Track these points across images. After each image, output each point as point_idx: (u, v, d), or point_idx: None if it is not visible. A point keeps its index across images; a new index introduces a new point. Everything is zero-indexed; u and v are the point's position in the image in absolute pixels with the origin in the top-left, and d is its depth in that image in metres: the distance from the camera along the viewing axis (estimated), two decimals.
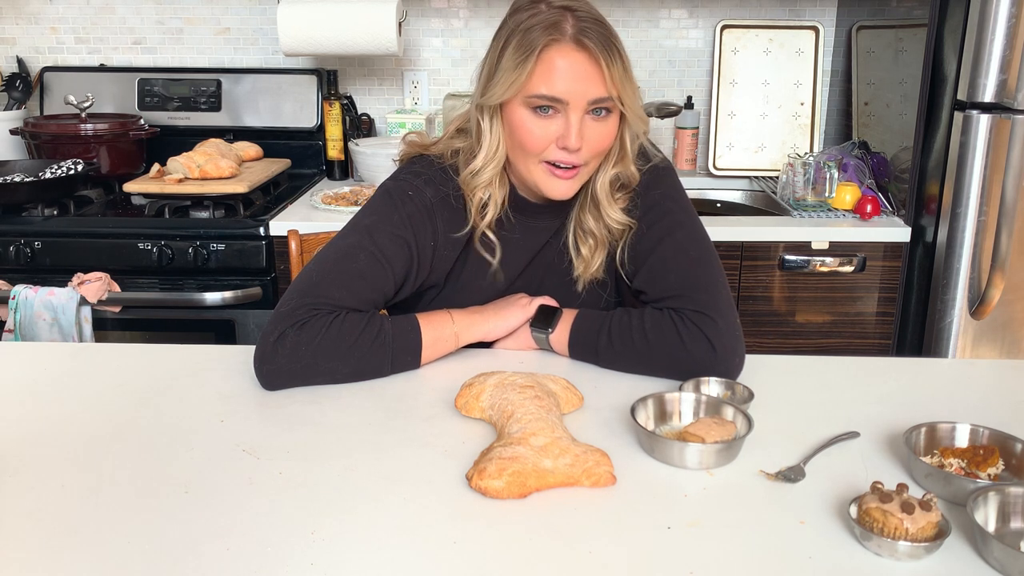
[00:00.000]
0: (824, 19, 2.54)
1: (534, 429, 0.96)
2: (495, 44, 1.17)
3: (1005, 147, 1.83)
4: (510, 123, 1.18)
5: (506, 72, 1.14)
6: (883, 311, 2.09)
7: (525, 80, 1.13)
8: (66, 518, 0.85)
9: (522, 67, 1.12)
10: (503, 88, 1.14)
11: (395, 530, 0.84)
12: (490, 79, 1.16)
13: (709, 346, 1.15)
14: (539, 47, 1.11)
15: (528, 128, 1.15)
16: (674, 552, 0.81)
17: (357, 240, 1.21)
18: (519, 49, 1.12)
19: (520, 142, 1.17)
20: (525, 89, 1.14)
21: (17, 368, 1.23)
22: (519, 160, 1.20)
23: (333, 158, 2.50)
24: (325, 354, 1.14)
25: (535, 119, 1.15)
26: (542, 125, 1.15)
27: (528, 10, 1.14)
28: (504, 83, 1.14)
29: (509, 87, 1.14)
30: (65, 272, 2.03)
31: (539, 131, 1.15)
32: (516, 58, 1.12)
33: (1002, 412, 1.09)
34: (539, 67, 1.12)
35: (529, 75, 1.12)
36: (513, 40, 1.13)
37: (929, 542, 0.79)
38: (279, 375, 1.14)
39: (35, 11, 2.61)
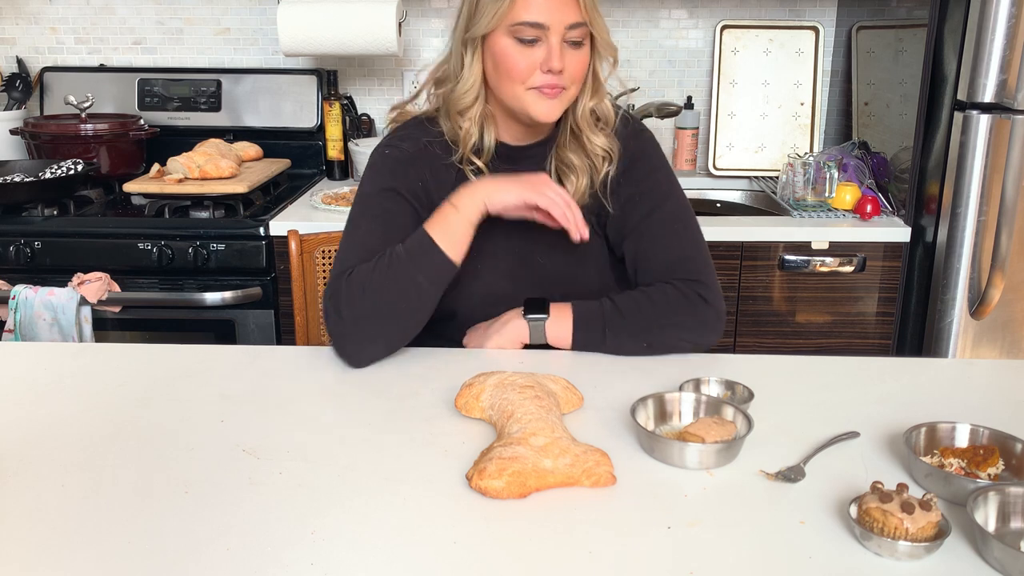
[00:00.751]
0: (824, 19, 2.54)
1: (534, 429, 0.96)
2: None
3: (1005, 147, 1.83)
4: (495, 54, 1.24)
5: (489, 4, 1.21)
6: (883, 311, 2.09)
7: (508, 9, 1.20)
8: (66, 518, 0.85)
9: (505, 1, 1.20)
10: (488, 19, 1.21)
11: (395, 530, 0.84)
12: (472, 14, 1.24)
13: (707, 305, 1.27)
14: None
15: (514, 57, 1.23)
16: (674, 552, 0.81)
17: (356, 211, 1.31)
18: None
19: (507, 71, 1.24)
20: (509, 18, 1.21)
21: (17, 368, 1.23)
22: (505, 89, 1.26)
23: (333, 158, 2.50)
24: (369, 306, 1.20)
25: (519, 48, 1.22)
26: (527, 53, 1.23)
27: None
28: (488, 14, 1.21)
29: (493, 17, 1.21)
30: (65, 272, 2.03)
31: (524, 59, 1.23)
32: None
33: (1002, 412, 1.09)
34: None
35: (512, 4, 1.20)
36: None
37: (929, 542, 0.79)
38: (360, 351, 1.21)
39: (35, 11, 2.61)
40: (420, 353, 1.31)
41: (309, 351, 1.35)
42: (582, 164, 1.33)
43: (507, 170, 1.31)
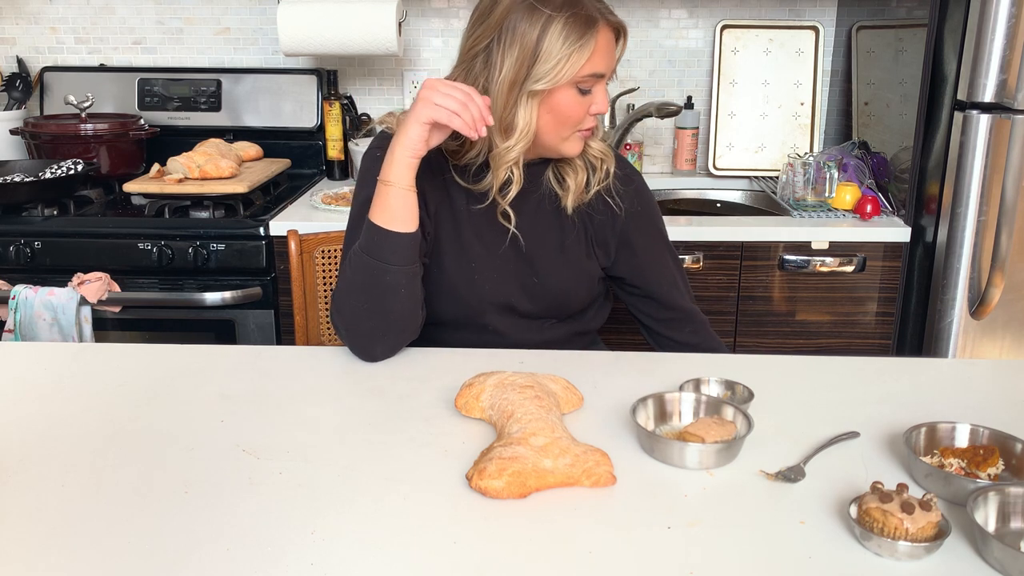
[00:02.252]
0: (824, 19, 2.54)
1: (534, 429, 0.96)
2: (524, 29, 1.19)
3: (1005, 147, 1.83)
4: (555, 105, 1.24)
5: (559, 60, 1.19)
6: (883, 311, 2.09)
7: (582, 66, 1.20)
8: (66, 518, 0.85)
9: (579, 53, 1.19)
10: (559, 75, 1.20)
11: (395, 530, 0.84)
12: (531, 66, 1.20)
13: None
14: (591, 32, 1.19)
15: (574, 107, 1.24)
16: (674, 552, 0.81)
17: (351, 218, 1.32)
18: (570, 37, 1.19)
19: (565, 119, 1.25)
20: (580, 72, 1.21)
21: (17, 368, 1.23)
22: (553, 134, 1.27)
23: (333, 158, 2.50)
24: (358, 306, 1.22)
25: (579, 98, 1.24)
26: (584, 101, 1.25)
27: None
28: (560, 71, 1.20)
29: (564, 73, 1.20)
30: (65, 272, 2.03)
31: (582, 108, 1.25)
32: (569, 45, 1.19)
33: (1002, 412, 1.09)
34: (587, 53, 1.20)
35: (587, 61, 1.20)
36: (554, 27, 1.18)
37: (929, 542, 0.79)
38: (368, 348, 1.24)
39: (35, 11, 2.61)
40: (420, 353, 1.31)
41: (309, 351, 1.35)
42: (582, 162, 1.35)
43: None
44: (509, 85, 1.22)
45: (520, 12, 1.20)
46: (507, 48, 1.20)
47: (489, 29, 1.22)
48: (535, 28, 1.19)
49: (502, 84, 1.22)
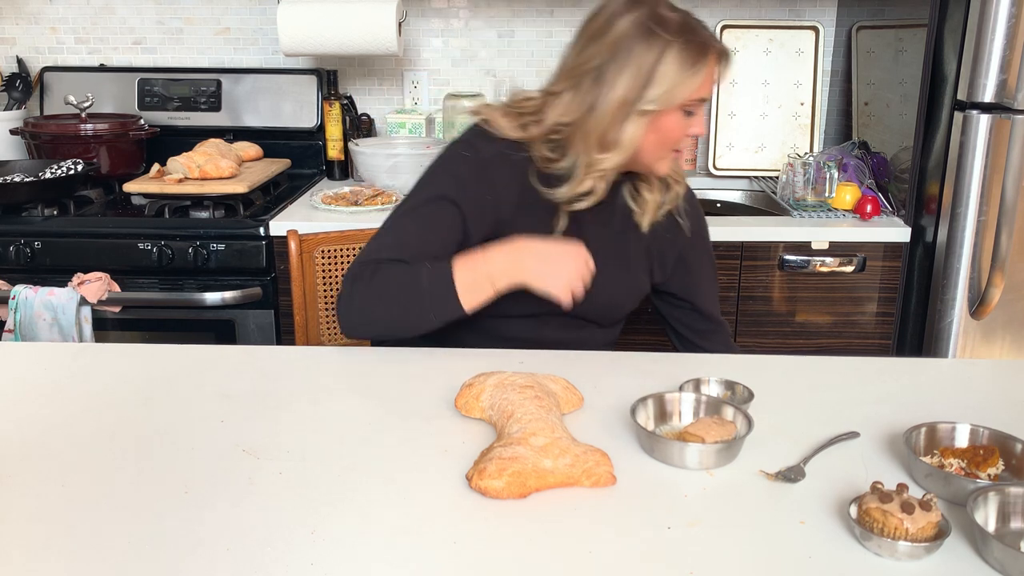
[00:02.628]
0: (824, 19, 2.54)
1: (534, 429, 0.96)
2: (641, 51, 1.23)
3: (1005, 147, 1.83)
4: (663, 126, 1.27)
5: (673, 84, 1.23)
6: (883, 311, 2.09)
7: (694, 89, 1.25)
8: (66, 518, 0.85)
9: (693, 79, 1.24)
10: (672, 97, 1.24)
11: (395, 530, 0.84)
12: (644, 87, 1.23)
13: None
14: (704, 59, 1.25)
15: (680, 129, 1.28)
16: (674, 552, 0.81)
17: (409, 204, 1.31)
18: (685, 62, 1.23)
19: (668, 139, 1.29)
20: (691, 96, 1.25)
21: (17, 368, 1.23)
22: (652, 153, 1.30)
23: (333, 158, 2.50)
24: (374, 308, 1.26)
25: (684, 120, 1.28)
26: (688, 123, 1.29)
27: (652, 19, 1.24)
28: (673, 93, 1.24)
29: (676, 96, 1.24)
30: (65, 272, 2.03)
31: (684, 129, 1.29)
32: (684, 70, 1.23)
33: (1002, 412, 1.09)
34: (700, 77, 1.25)
35: (698, 85, 1.25)
36: (671, 52, 1.23)
37: (929, 542, 0.79)
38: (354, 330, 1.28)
39: (35, 11, 2.61)
40: (420, 353, 1.31)
41: (309, 351, 1.35)
42: (659, 181, 1.38)
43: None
44: (619, 103, 1.24)
45: (637, 35, 1.23)
46: (621, 68, 1.23)
47: (603, 48, 1.24)
48: (652, 52, 1.23)
49: (612, 102, 1.24)
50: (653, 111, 1.25)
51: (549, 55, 2.61)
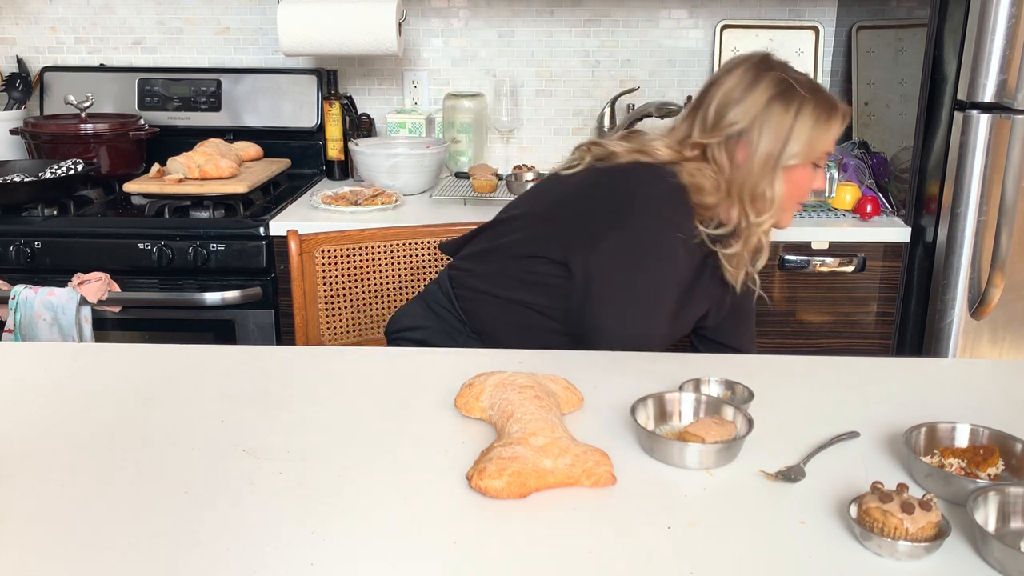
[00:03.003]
0: (824, 19, 2.54)
1: (534, 429, 0.96)
2: (780, 110, 1.31)
3: (1005, 147, 1.83)
4: (797, 179, 1.36)
5: (810, 139, 1.33)
6: (883, 311, 2.09)
7: (828, 143, 1.35)
8: (66, 518, 0.85)
9: (827, 133, 1.34)
10: (809, 151, 1.33)
11: (395, 530, 0.84)
12: (786, 142, 1.32)
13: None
14: (835, 114, 1.34)
15: (808, 181, 1.38)
16: (674, 552, 0.81)
17: (661, 282, 1.35)
18: (819, 118, 1.33)
19: (799, 192, 1.38)
20: (823, 149, 1.35)
21: (17, 368, 1.23)
22: (784, 207, 1.37)
23: (333, 158, 2.50)
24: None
25: (814, 173, 1.38)
26: (817, 175, 1.39)
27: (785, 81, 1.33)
28: (809, 147, 1.33)
29: (814, 151, 1.34)
30: (65, 272, 2.03)
31: (812, 182, 1.39)
32: (819, 126, 1.33)
33: (1002, 412, 1.09)
34: (833, 131, 1.35)
35: (832, 139, 1.36)
36: (807, 109, 1.32)
37: (929, 542, 0.79)
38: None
39: (35, 11, 2.61)
40: (420, 353, 1.31)
41: (309, 351, 1.35)
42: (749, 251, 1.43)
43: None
44: (764, 159, 1.32)
45: (776, 96, 1.32)
46: (765, 126, 1.32)
47: (747, 109, 1.33)
48: (790, 111, 1.32)
49: (760, 158, 1.33)
50: (794, 165, 1.33)
51: (549, 55, 2.61)
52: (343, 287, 1.79)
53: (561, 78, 2.63)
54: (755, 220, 1.35)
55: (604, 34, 2.59)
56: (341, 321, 1.80)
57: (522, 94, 2.63)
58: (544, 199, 1.47)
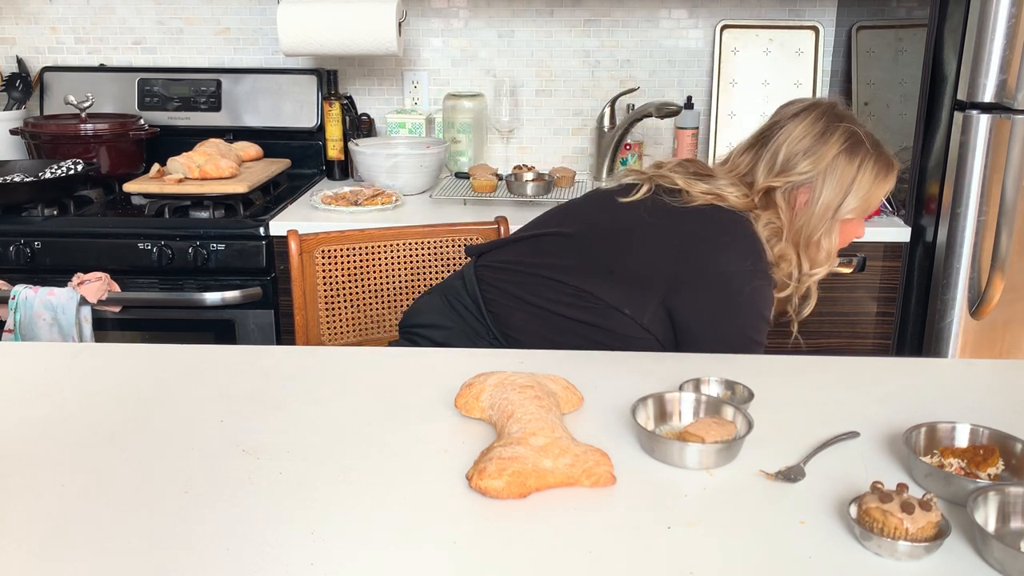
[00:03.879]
0: (824, 19, 2.54)
1: (534, 429, 0.96)
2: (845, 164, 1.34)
3: (1005, 147, 1.83)
4: (848, 229, 1.40)
5: (868, 193, 1.36)
6: (883, 311, 2.09)
7: (881, 196, 1.39)
8: (66, 518, 0.85)
9: (883, 188, 1.38)
10: (866, 205, 1.37)
11: (395, 530, 0.84)
12: (845, 196, 1.35)
13: None
14: (893, 170, 1.38)
15: (858, 231, 1.42)
16: (674, 552, 0.81)
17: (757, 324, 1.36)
18: (879, 174, 1.36)
19: (847, 241, 1.41)
20: (875, 203, 1.39)
21: (17, 368, 1.23)
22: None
23: (333, 158, 2.50)
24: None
25: (862, 224, 1.42)
26: (863, 226, 1.43)
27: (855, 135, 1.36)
28: (866, 201, 1.37)
29: (870, 204, 1.38)
30: (65, 272, 2.03)
31: (859, 231, 1.42)
32: (879, 181, 1.36)
33: (1002, 412, 1.09)
34: (889, 186, 1.39)
35: (884, 193, 1.39)
36: (868, 164, 1.35)
37: (929, 542, 0.79)
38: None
39: (35, 11, 2.61)
40: (420, 353, 1.31)
41: (309, 351, 1.35)
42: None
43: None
44: (824, 210, 1.35)
45: (846, 149, 1.35)
46: (829, 178, 1.35)
47: (817, 160, 1.35)
48: (854, 164, 1.35)
49: (821, 208, 1.35)
50: (850, 219, 1.37)
51: (549, 55, 2.61)
52: (343, 287, 1.79)
53: (561, 78, 2.63)
54: (808, 271, 1.38)
55: (604, 34, 2.59)
56: (341, 321, 1.80)
57: (522, 94, 2.63)
58: (600, 225, 1.42)
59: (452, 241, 1.86)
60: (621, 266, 1.35)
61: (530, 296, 1.39)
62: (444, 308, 1.47)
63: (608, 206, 1.42)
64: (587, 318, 1.36)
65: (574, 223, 1.43)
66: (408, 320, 1.53)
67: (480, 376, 1.10)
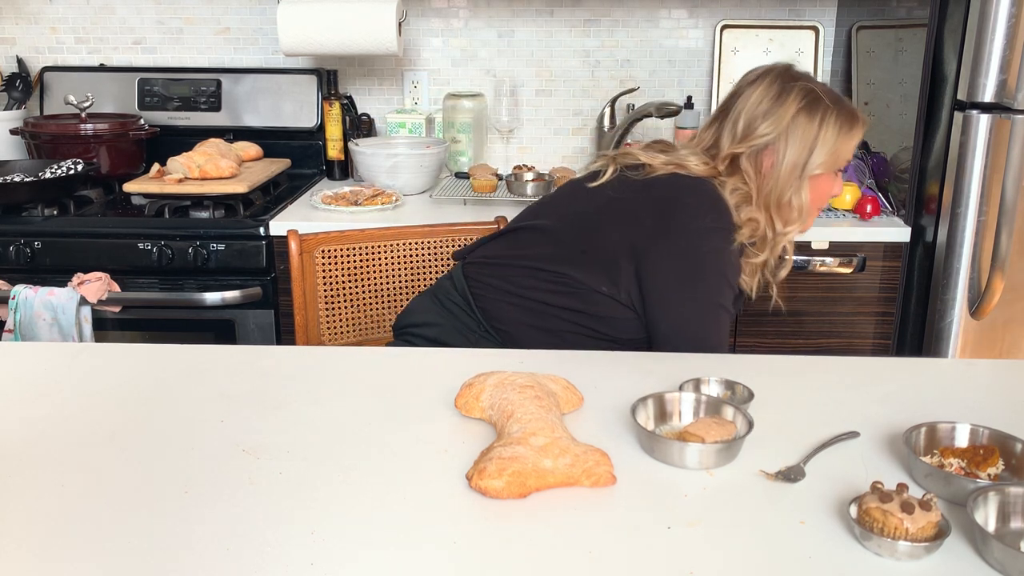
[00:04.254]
0: (824, 19, 2.54)
1: (534, 429, 0.96)
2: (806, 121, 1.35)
3: (1005, 147, 1.83)
4: (820, 186, 1.40)
5: (834, 147, 1.37)
6: (883, 311, 2.09)
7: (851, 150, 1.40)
8: (66, 518, 0.85)
9: (849, 142, 1.38)
10: (834, 160, 1.38)
11: (395, 530, 0.84)
12: (811, 152, 1.36)
13: None
14: (857, 123, 1.38)
15: (833, 188, 1.43)
16: (674, 552, 0.81)
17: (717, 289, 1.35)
18: (842, 127, 1.36)
19: (822, 200, 1.43)
20: (844, 157, 1.39)
21: (17, 368, 1.23)
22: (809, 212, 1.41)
23: (333, 158, 2.50)
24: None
25: (835, 179, 1.43)
26: (836, 182, 1.43)
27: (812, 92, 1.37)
28: (833, 156, 1.37)
29: (838, 159, 1.38)
30: (65, 272, 2.03)
31: (832, 189, 1.43)
32: (842, 135, 1.37)
33: (1002, 412, 1.09)
34: (856, 139, 1.39)
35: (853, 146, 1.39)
36: (830, 119, 1.36)
37: (929, 542, 0.79)
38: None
39: (35, 11, 2.61)
40: (420, 353, 1.31)
41: (309, 351, 1.35)
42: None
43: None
44: (791, 169, 1.37)
45: (805, 106, 1.36)
46: (792, 136, 1.36)
47: (776, 121, 1.36)
48: (815, 119, 1.36)
49: (786, 167, 1.37)
50: (819, 174, 1.37)
51: (549, 55, 2.61)
52: (343, 287, 1.79)
53: (561, 78, 2.63)
54: (782, 230, 1.39)
55: (604, 34, 2.59)
56: (341, 321, 1.80)
57: (522, 94, 2.63)
58: (572, 211, 1.46)
59: (452, 241, 1.86)
60: (593, 246, 1.38)
61: (514, 288, 1.42)
62: (435, 307, 1.50)
63: (578, 193, 1.47)
64: (570, 303, 1.38)
65: (548, 214, 1.48)
66: (401, 321, 1.56)
67: (480, 376, 1.10)
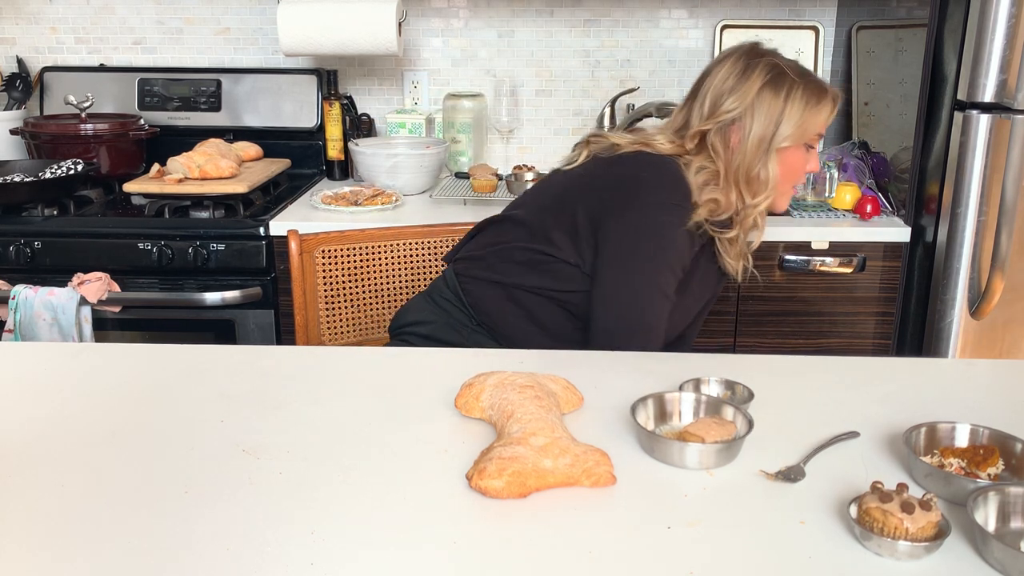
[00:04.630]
0: (824, 19, 2.54)
1: (534, 429, 0.96)
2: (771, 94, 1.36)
3: (1005, 147, 1.83)
4: (789, 160, 1.41)
5: (801, 120, 1.37)
6: (883, 311, 2.09)
7: (818, 124, 1.39)
8: (66, 518, 0.85)
9: (817, 115, 1.38)
10: (800, 132, 1.38)
11: (395, 530, 0.84)
12: (778, 124, 1.37)
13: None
14: (825, 97, 1.39)
15: (803, 163, 1.43)
16: (674, 552, 0.81)
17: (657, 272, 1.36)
18: (809, 100, 1.37)
19: (793, 174, 1.43)
20: (815, 131, 1.40)
21: (17, 368, 1.23)
22: (780, 189, 1.42)
23: (333, 158, 2.50)
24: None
25: (805, 155, 1.43)
26: (808, 158, 1.43)
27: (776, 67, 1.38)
28: (803, 128, 1.38)
29: (805, 132, 1.38)
30: (65, 272, 2.03)
31: (805, 164, 1.43)
32: (809, 108, 1.37)
33: (1002, 412, 1.09)
34: (824, 113, 1.39)
35: (823, 120, 1.39)
36: (796, 92, 1.37)
37: (929, 542, 0.79)
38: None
39: (35, 11, 2.61)
40: (420, 353, 1.31)
41: (309, 351, 1.35)
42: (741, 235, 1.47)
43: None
44: (758, 142, 1.38)
45: (769, 81, 1.38)
46: (757, 111, 1.37)
47: (742, 96, 1.38)
48: (781, 93, 1.37)
49: (753, 141, 1.38)
50: (786, 148, 1.38)
51: (549, 55, 2.61)
52: (343, 287, 1.79)
53: (561, 78, 2.63)
54: (751, 202, 1.40)
55: (604, 34, 2.59)
56: (341, 321, 1.80)
57: (522, 94, 2.63)
58: (546, 193, 1.50)
59: (452, 241, 1.86)
60: (561, 221, 1.41)
61: (495, 275, 1.45)
62: (429, 305, 1.53)
63: (553, 178, 1.52)
64: (542, 282, 1.41)
65: (527, 203, 1.52)
66: (396, 322, 1.58)
67: (480, 376, 1.10)
